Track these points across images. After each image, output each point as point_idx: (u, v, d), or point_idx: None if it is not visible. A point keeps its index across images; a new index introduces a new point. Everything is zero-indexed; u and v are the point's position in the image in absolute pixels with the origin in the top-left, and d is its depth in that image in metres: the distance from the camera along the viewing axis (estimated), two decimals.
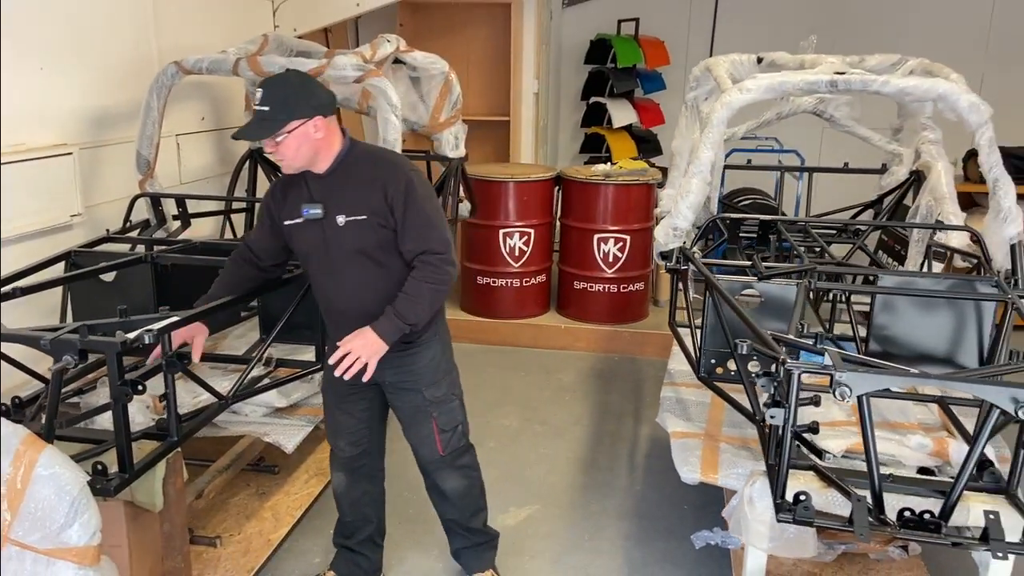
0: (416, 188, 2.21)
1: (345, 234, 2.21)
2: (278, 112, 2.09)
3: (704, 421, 2.80)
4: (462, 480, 2.54)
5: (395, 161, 2.29)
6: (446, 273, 2.22)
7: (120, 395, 1.94)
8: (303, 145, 2.14)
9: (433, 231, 2.22)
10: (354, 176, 2.22)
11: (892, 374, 1.84)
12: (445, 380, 2.42)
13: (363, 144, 2.33)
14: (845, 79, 2.95)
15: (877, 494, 1.89)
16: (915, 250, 3.58)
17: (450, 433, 2.45)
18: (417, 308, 2.19)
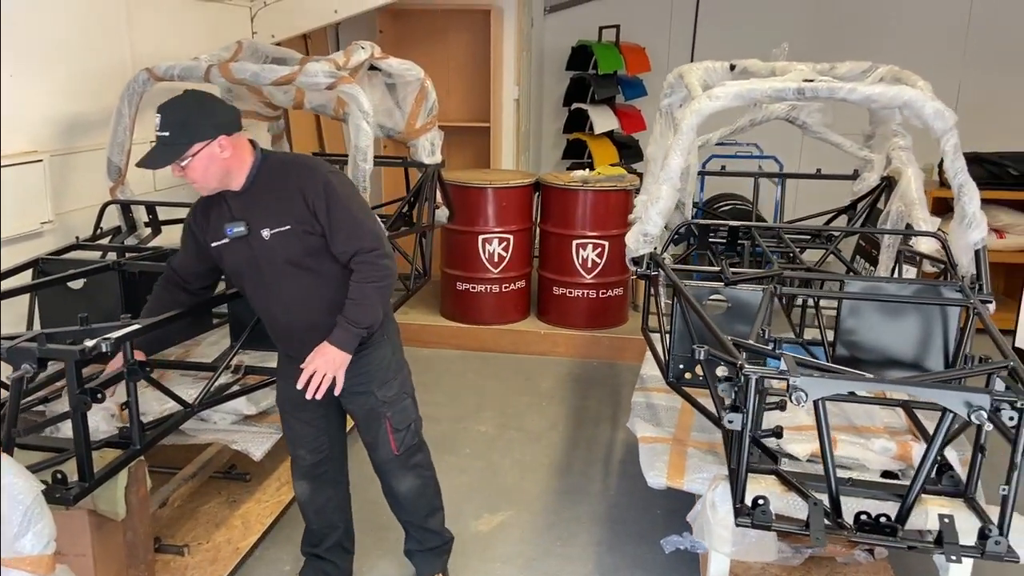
0: (335, 188, 2.19)
1: (272, 247, 2.20)
2: (178, 136, 2.08)
3: (673, 426, 2.81)
4: (416, 480, 2.54)
5: (311, 165, 2.26)
6: (384, 268, 2.21)
7: (79, 404, 1.93)
8: (211, 166, 2.12)
9: (361, 228, 2.20)
10: (272, 188, 2.20)
11: (847, 378, 1.86)
12: (396, 379, 2.42)
13: (276, 154, 2.31)
14: (812, 87, 2.98)
15: (834, 498, 1.91)
16: (886, 255, 3.61)
17: (404, 432, 2.46)
18: (367, 311, 2.19)
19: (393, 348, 2.43)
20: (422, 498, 2.59)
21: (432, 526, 2.65)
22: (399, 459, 2.49)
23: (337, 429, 2.54)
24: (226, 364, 2.63)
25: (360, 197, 2.32)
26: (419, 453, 2.56)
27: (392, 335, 2.45)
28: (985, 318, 2.41)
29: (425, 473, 2.59)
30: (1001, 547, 1.84)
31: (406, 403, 2.47)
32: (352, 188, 2.30)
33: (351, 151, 3.25)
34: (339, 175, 2.26)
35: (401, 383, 2.45)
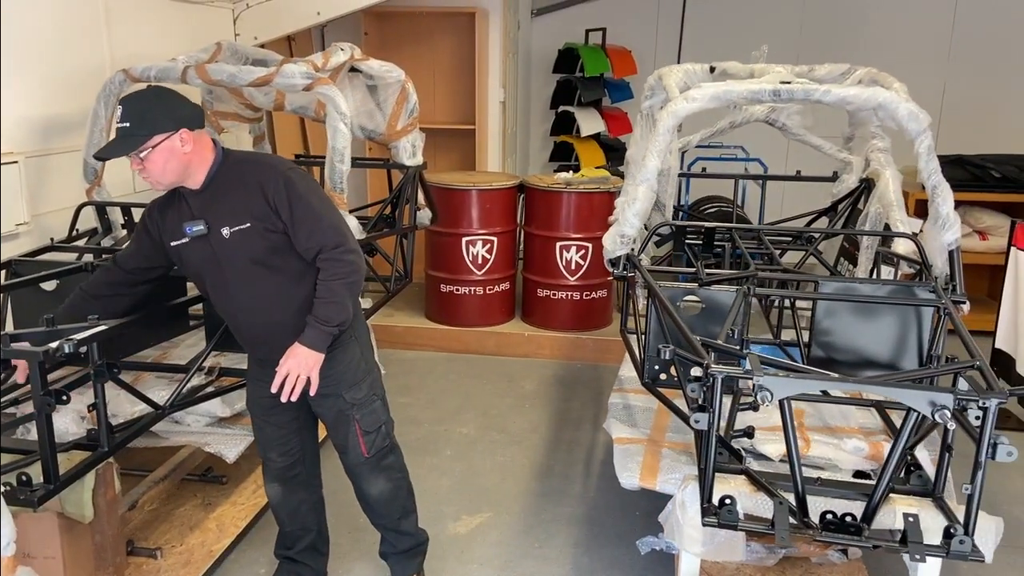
0: (296, 184, 2.15)
1: (233, 246, 2.16)
2: (139, 127, 2.05)
3: (649, 427, 2.81)
4: (387, 483, 2.51)
5: (270, 162, 2.24)
6: (350, 264, 2.17)
7: (43, 405, 1.92)
8: (170, 160, 2.08)
9: (322, 223, 2.16)
10: (231, 185, 2.16)
11: (811, 378, 1.86)
12: (365, 381, 2.39)
13: (237, 152, 2.28)
14: (788, 88, 2.99)
15: (801, 497, 1.91)
16: (865, 257, 3.63)
17: (374, 434, 2.42)
18: (337, 308, 2.16)
19: (362, 348, 2.40)
20: (394, 501, 2.56)
21: (405, 528, 2.63)
22: (369, 461, 2.45)
23: (308, 431, 2.52)
24: (198, 366, 2.62)
25: (322, 193, 2.27)
26: (390, 455, 2.52)
27: (361, 335, 2.42)
28: (955, 318, 2.41)
29: (396, 475, 2.55)
30: (966, 546, 1.84)
31: (375, 405, 2.43)
32: (313, 184, 2.26)
33: (328, 152, 3.25)
34: (299, 172, 2.21)
35: (371, 384, 2.41)
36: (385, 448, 2.48)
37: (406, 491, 2.60)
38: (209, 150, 2.18)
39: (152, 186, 2.16)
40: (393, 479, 2.53)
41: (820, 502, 2.03)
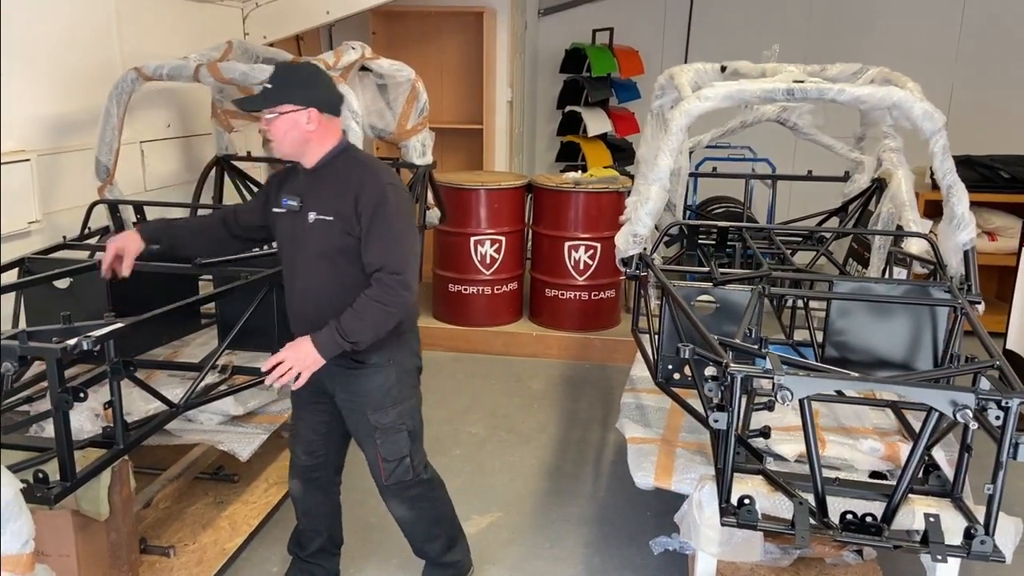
0: (389, 201, 2.15)
1: (311, 232, 2.21)
2: (276, 93, 2.14)
3: (662, 427, 2.80)
4: (409, 511, 2.48)
5: (377, 172, 2.23)
6: (399, 296, 2.13)
7: (61, 402, 1.91)
8: (291, 131, 2.15)
9: (395, 248, 2.15)
10: (335, 178, 2.21)
11: (832, 377, 1.85)
12: (394, 409, 2.33)
13: (358, 152, 2.32)
14: (802, 88, 2.98)
15: (820, 497, 1.90)
16: (877, 257, 3.62)
17: (394, 464, 2.37)
18: (361, 326, 2.12)
19: (399, 376, 2.33)
20: (417, 526, 2.53)
21: (430, 551, 2.59)
22: (390, 488, 2.43)
23: (337, 439, 2.51)
24: (212, 364, 2.61)
25: (408, 221, 2.24)
26: (417, 487, 2.45)
27: (403, 363, 2.35)
28: (972, 318, 2.40)
29: (422, 505, 2.49)
30: (987, 547, 1.83)
31: (400, 436, 2.35)
32: (405, 209, 2.24)
33: None
34: (399, 190, 2.22)
35: (399, 414, 2.34)
36: (408, 481, 2.41)
37: (431, 520, 2.54)
38: (333, 137, 2.23)
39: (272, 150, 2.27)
40: (417, 508, 2.48)
41: (839, 502, 2.02)
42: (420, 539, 2.57)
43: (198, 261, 2.80)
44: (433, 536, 2.57)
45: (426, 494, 2.49)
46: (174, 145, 4.14)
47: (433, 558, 2.61)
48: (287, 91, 2.14)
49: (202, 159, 4.22)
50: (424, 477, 2.47)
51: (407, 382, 2.37)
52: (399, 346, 2.32)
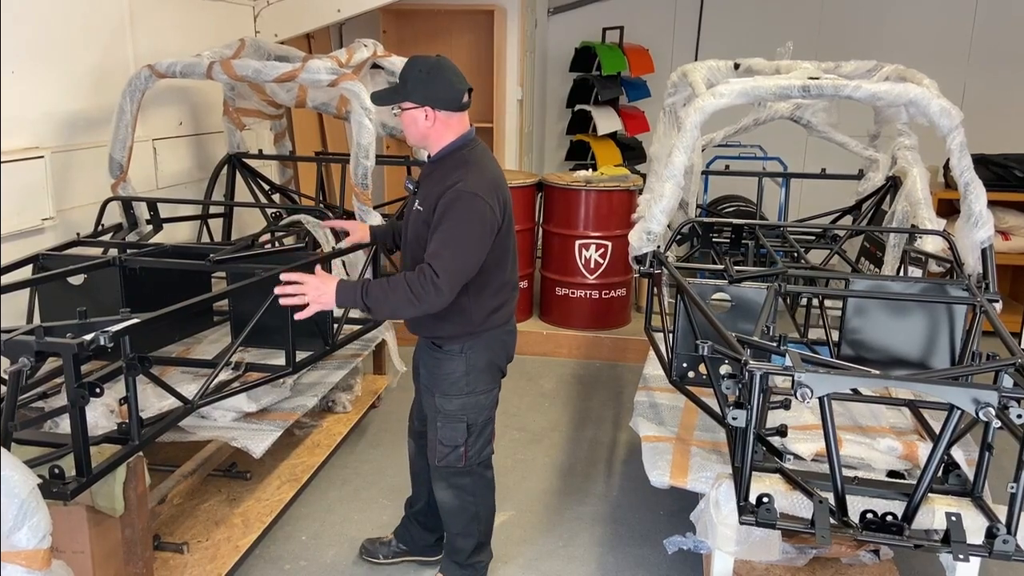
0: (461, 202, 2.21)
1: (412, 218, 2.41)
2: (400, 89, 2.32)
3: (676, 425, 2.79)
4: (452, 498, 2.56)
5: (467, 175, 2.27)
6: (429, 293, 2.17)
7: (77, 398, 1.91)
8: (411, 125, 2.34)
9: (447, 251, 2.20)
10: (441, 174, 2.32)
11: (852, 375, 1.83)
12: (459, 399, 2.43)
13: (472, 154, 2.36)
14: (817, 84, 2.96)
15: (840, 496, 1.88)
16: (891, 255, 3.59)
17: (448, 449, 2.47)
18: (382, 297, 2.19)
19: (469, 371, 2.42)
20: (456, 516, 2.59)
21: (459, 545, 2.64)
22: (438, 471, 2.53)
23: None
24: (226, 360, 2.61)
25: (471, 229, 2.23)
26: (465, 478, 2.53)
27: (475, 360, 2.43)
28: (993, 316, 2.38)
29: (466, 497, 2.56)
30: (1009, 546, 1.81)
31: (459, 426, 2.45)
32: (478, 216, 2.23)
33: (353, 148, 3.24)
34: (477, 198, 2.23)
35: (463, 406, 2.44)
36: (458, 469, 2.51)
37: (471, 516, 2.59)
38: (452, 134, 2.34)
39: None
40: (460, 498, 2.56)
41: (858, 501, 2.00)
42: (455, 531, 2.62)
43: (211, 258, 2.81)
44: (469, 532, 2.62)
45: (472, 488, 2.56)
46: (186, 143, 4.15)
47: (461, 557, 2.65)
48: (408, 89, 2.29)
49: (214, 157, 4.23)
50: (477, 471, 2.55)
51: (479, 377, 2.45)
52: (474, 342, 2.42)
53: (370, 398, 3.88)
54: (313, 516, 3.16)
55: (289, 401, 2.96)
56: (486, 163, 2.39)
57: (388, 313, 2.26)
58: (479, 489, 2.58)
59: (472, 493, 2.56)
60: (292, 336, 2.78)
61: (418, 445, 2.72)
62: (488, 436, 2.55)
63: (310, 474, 3.17)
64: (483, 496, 2.60)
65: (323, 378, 3.24)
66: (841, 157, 4.69)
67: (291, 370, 2.80)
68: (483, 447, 2.54)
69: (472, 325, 2.39)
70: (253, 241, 3.11)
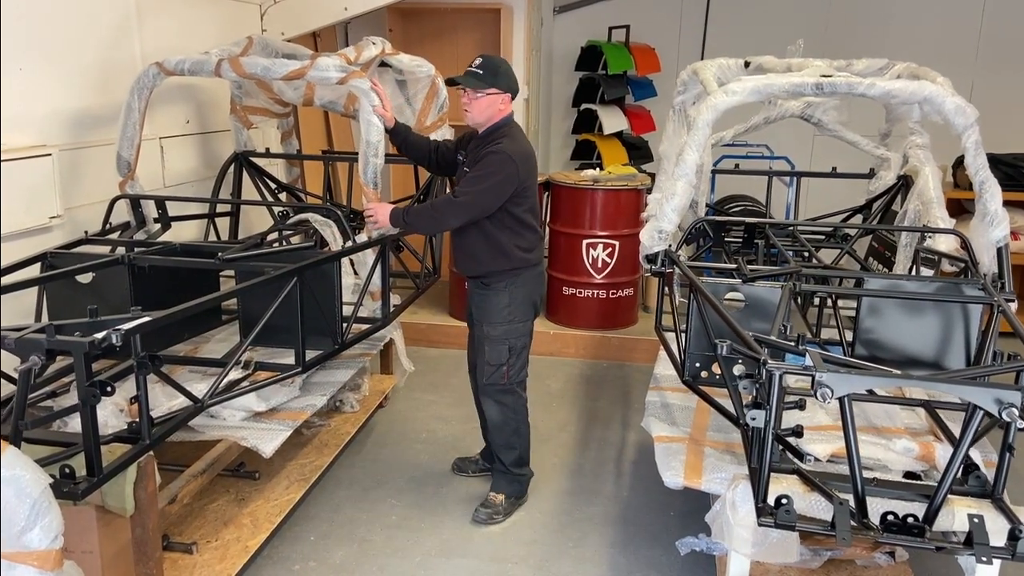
0: (493, 159, 2.83)
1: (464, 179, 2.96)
2: (488, 77, 2.87)
3: (689, 425, 2.76)
4: (498, 413, 3.12)
5: (511, 145, 2.88)
6: (449, 212, 2.88)
7: (88, 396, 1.89)
8: (488, 108, 2.91)
9: (471, 187, 2.85)
10: (487, 144, 2.90)
11: (874, 375, 1.81)
12: (502, 326, 3.02)
13: (513, 128, 2.98)
14: (831, 82, 2.94)
15: (860, 498, 1.86)
16: (903, 255, 3.56)
17: (493, 368, 3.06)
18: (414, 217, 2.99)
19: (512, 301, 3.01)
20: (501, 429, 3.15)
21: (504, 457, 3.18)
22: (486, 388, 3.11)
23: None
24: (236, 360, 2.59)
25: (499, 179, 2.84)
26: (508, 396, 3.11)
27: (518, 293, 3.03)
28: (1011, 316, 2.35)
29: (508, 412, 3.12)
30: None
31: (502, 347, 3.03)
32: (504, 170, 2.84)
33: (361, 147, 3.22)
34: (511, 161, 2.84)
35: (506, 332, 3.03)
36: (502, 386, 3.09)
37: (512, 430, 3.15)
38: (503, 115, 2.96)
39: (466, 119, 2.96)
40: (504, 413, 3.13)
41: (878, 503, 1.97)
42: (500, 443, 3.17)
43: (221, 256, 2.79)
44: (511, 445, 3.17)
45: (513, 405, 3.14)
46: (193, 141, 4.13)
47: (505, 466, 3.19)
48: (496, 78, 2.88)
49: (221, 155, 4.21)
50: (516, 390, 3.13)
51: (518, 309, 3.04)
52: (514, 279, 3.03)
53: (378, 398, 3.86)
54: (321, 516, 3.14)
55: (298, 400, 2.94)
56: (521, 137, 2.99)
57: (422, 226, 3.11)
58: (517, 405, 3.14)
59: (513, 410, 3.13)
60: (302, 335, 2.76)
61: (474, 379, 3.29)
62: (524, 360, 3.12)
63: (319, 474, 3.15)
64: (521, 414, 3.17)
65: (331, 377, 3.22)
66: (848, 156, 4.66)
67: (301, 369, 2.79)
68: (520, 369, 3.11)
69: (511, 262, 2.99)
70: (262, 240, 3.09)
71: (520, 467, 3.22)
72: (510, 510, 3.17)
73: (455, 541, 3.00)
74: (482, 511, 3.14)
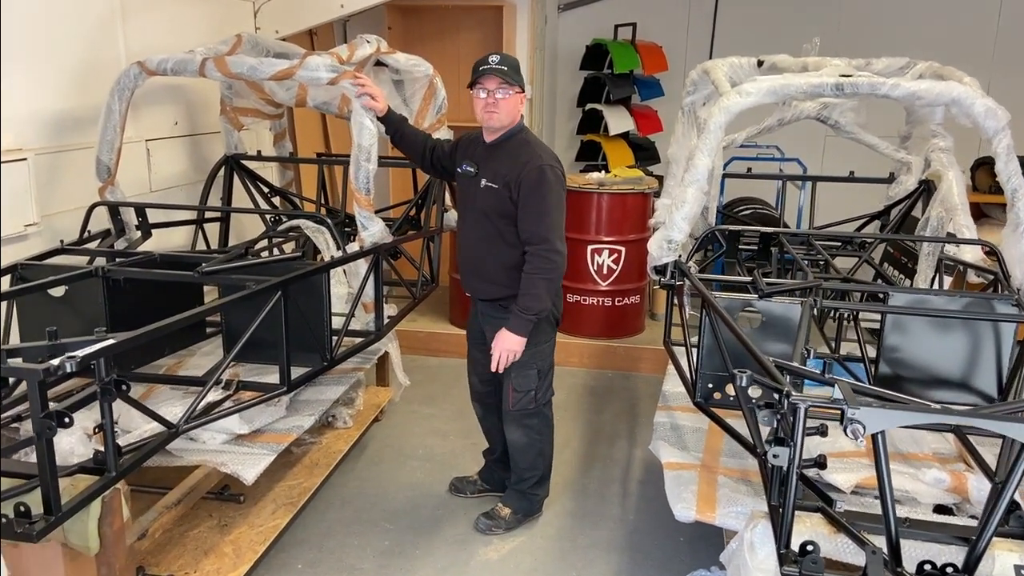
0: (545, 177, 2.62)
1: (481, 194, 2.72)
2: (514, 74, 2.66)
3: (700, 450, 2.59)
4: (523, 437, 2.94)
5: (541, 153, 2.69)
6: (552, 262, 2.64)
7: (43, 429, 1.72)
8: (513, 110, 2.69)
9: (544, 219, 2.63)
10: (508, 154, 2.69)
11: (911, 409, 1.63)
12: (529, 349, 2.76)
13: (530, 133, 2.80)
14: (852, 82, 2.76)
15: (894, 543, 1.68)
16: (925, 264, 3.37)
17: (521, 394, 2.86)
18: (535, 299, 2.65)
19: (536, 323, 2.73)
20: (525, 452, 2.97)
21: (526, 476, 3.02)
22: (512, 414, 2.90)
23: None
24: (215, 379, 2.42)
25: (558, 197, 2.68)
26: (534, 418, 2.93)
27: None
28: None
29: (534, 436, 2.95)
30: None
31: (531, 373, 2.83)
32: (558, 185, 2.68)
33: (353, 150, 3.05)
34: (557, 170, 2.68)
35: (533, 355, 2.80)
36: (529, 411, 2.90)
37: (537, 452, 2.99)
38: (518, 120, 2.74)
39: (484, 122, 2.71)
40: (530, 436, 2.95)
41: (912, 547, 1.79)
42: (524, 466, 3.01)
43: (202, 268, 2.62)
44: (535, 466, 3.02)
45: (540, 427, 2.97)
46: (181, 144, 3.96)
47: (524, 486, 3.04)
48: (519, 78, 2.68)
49: (210, 158, 4.05)
50: (543, 411, 2.96)
51: (542, 329, 2.82)
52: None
53: (372, 412, 3.69)
54: (310, 542, 2.97)
55: (284, 421, 2.77)
56: (539, 141, 2.79)
57: (549, 299, 2.70)
58: (544, 428, 2.99)
59: (539, 432, 2.97)
60: (287, 351, 2.59)
61: (483, 405, 3.12)
62: (550, 380, 2.95)
63: (307, 497, 2.98)
64: (547, 435, 3.02)
65: (321, 394, 3.05)
66: (862, 158, 4.47)
67: (285, 389, 2.62)
68: (547, 389, 2.95)
69: None
70: (247, 250, 2.92)
71: (539, 486, 3.08)
72: (512, 526, 3.03)
73: (451, 570, 2.83)
74: (483, 520, 3.03)
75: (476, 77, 2.66)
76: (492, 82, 2.64)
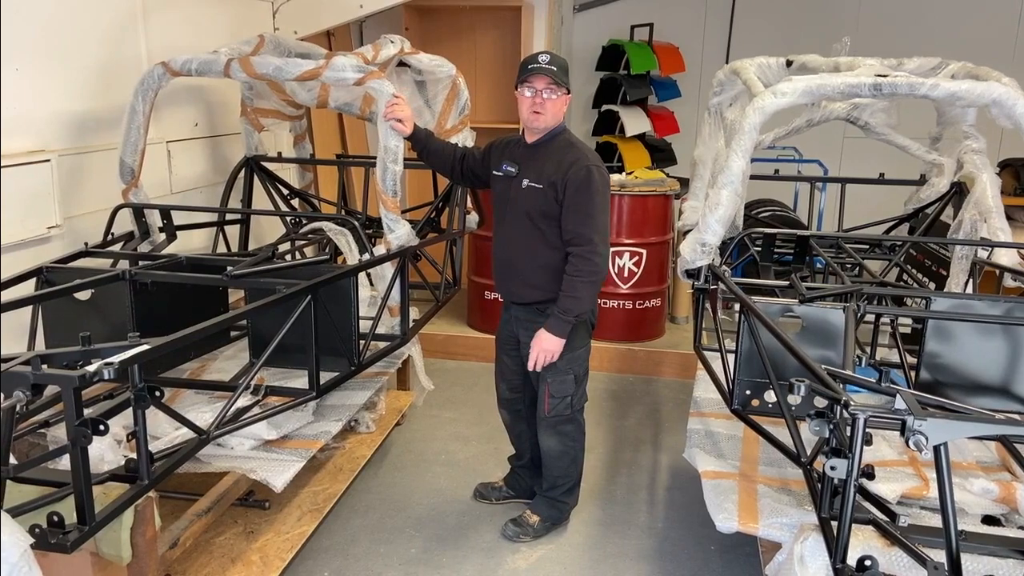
0: (591, 177, 2.57)
1: (523, 195, 2.68)
2: (563, 76, 2.63)
3: (737, 458, 2.54)
4: (558, 444, 2.90)
5: (586, 153, 2.66)
6: (595, 264, 2.59)
7: (79, 437, 1.68)
8: (559, 110, 2.66)
9: (589, 220, 2.58)
10: (551, 154, 2.66)
11: (977, 420, 1.57)
12: (566, 354, 2.72)
13: (571, 134, 2.75)
14: (890, 82, 2.70)
15: (955, 559, 1.62)
16: (958, 268, 3.31)
17: (558, 400, 2.81)
18: (576, 302, 2.60)
19: (574, 328, 2.68)
20: (560, 459, 2.93)
21: (559, 483, 2.98)
22: (548, 420, 2.86)
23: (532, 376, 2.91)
24: (245, 384, 2.38)
25: (604, 198, 2.64)
26: (569, 424, 2.89)
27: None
28: None
29: (568, 442, 2.91)
30: None
31: (567, 379, 2.79)
32: (604, 187, 2.64)
33: (379, 152, 3.00)
34: (603, 172, 2.64)
35: (569, 360, 2.76)
36: (564, 417, 2.86)
37: (571, 459, 2.95)
38: (561, 121, 2.70)
39: (528, 123, 2.67)
40: (564, 443, 2.91)
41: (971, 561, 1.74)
42: (557, 473, 2.96)
43: (230, 272, 2.58)
44: (568, 474, 2.98)
45: (575, 434, 2.93)
46: (202, 145, 3.93)
47: (556, 494, 3.00)
48: (567, 79, 2.65)
49: (231, 160, 4.01)
50: (577, 417, 2.92)
51: (579, 332, 2.77)
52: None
53: (395, 416, 3.64)
54: (336, 548, 2.93)
55: (311, 427, 2.73)
56: (582, 142, 2.74)
57: (590, 302, 2.66)
58: (578, 435, 2.95)
59: (574, 439, 2.93)
60: (316, 356, 2.55)
61: (511, 412, 3.08)
62: (585, 385, 2.90)
63: (333, 503, 2.94)
64: (580, 441, 2.97)
65: (347, 399, 3.01)
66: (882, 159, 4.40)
67: (315, 394, 2.57)
68: (582, 395, 2.90)
69: None
70: (273, 253, 2.88)
71: (570, 494, 3.05)
72: (540, 533, 3.00)
73: None
74: (511, 527, 3.00)
75: (524, 76, 2.61)
76: (541, 81, 2.59)
